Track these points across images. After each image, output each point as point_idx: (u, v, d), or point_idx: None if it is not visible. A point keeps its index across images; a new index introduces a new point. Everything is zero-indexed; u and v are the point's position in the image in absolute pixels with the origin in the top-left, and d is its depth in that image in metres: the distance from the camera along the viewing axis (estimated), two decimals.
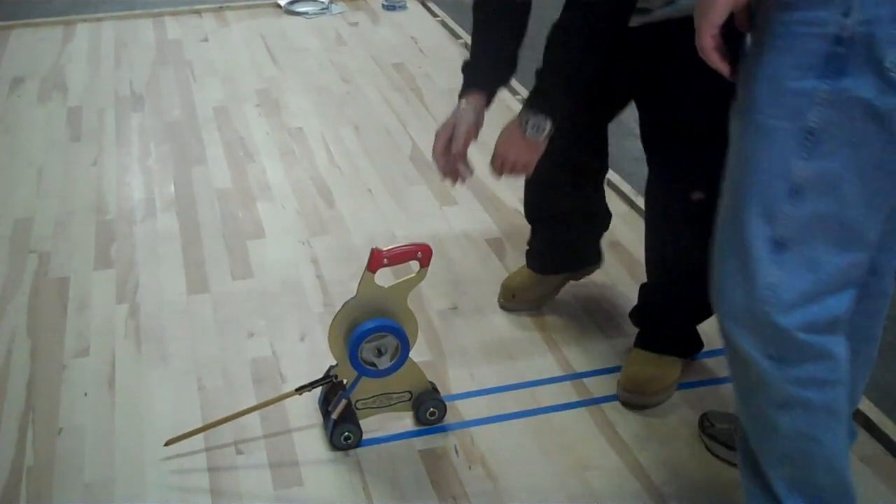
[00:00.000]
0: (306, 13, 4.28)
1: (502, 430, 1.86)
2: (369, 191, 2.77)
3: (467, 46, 4.11)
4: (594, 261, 2.22)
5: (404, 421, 1.88)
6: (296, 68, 3.67)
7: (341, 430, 1.78)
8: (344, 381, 1.79)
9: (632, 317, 2.06)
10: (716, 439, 1.79)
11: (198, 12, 4.29)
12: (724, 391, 1.95)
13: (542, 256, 2.19)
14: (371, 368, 1.75)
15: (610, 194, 2.41)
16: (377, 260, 1.69)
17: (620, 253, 2.42)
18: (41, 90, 3.47)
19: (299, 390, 1.80)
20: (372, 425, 1.84)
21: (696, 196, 1.75)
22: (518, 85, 3.15)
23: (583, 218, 2.12)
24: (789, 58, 1.16)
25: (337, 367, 1.79)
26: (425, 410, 1.85)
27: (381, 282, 1.73)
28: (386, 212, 2.66)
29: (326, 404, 1.82)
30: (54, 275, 2.36)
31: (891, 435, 1.80)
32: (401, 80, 3.55)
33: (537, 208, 2.14)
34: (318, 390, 1.84)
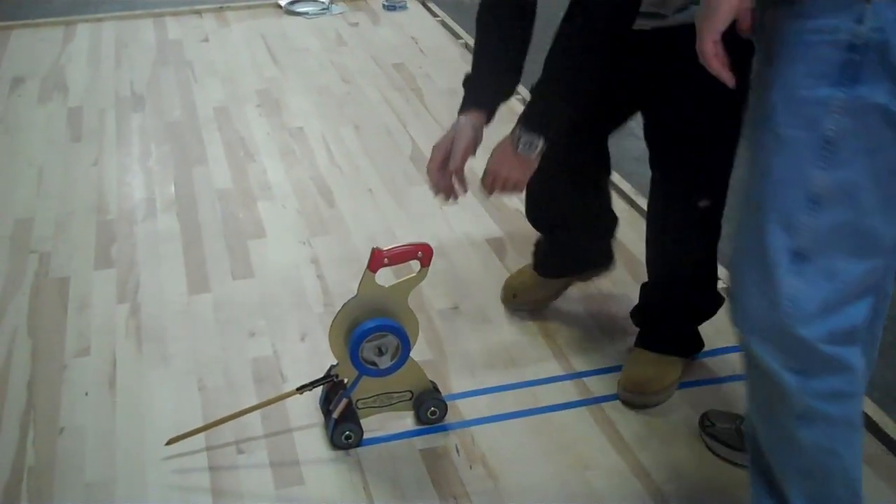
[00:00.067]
0: (307, 13, 4.28)
1: (503, 429, 1.86)
2: (370, 191, 2.77)
3: (467, 46, 4.06)
4: (601, 263, 2.17)
5: (405, 420, 1.88)
6: (296, 68, 3.67)
7: (342, 429, 1.78)
8: (345, 380, 1.80)
9: (632, 316, 2.06)
10: (716, 438, 1.78)
11: (198, 12, 4.29)
12: (724, 391, 1.95)
13: (545, 260, 2.17)
14: (372, 368, 1.75)
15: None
16: (378, 259, 1.69)
17: (621, 252, 2.41)
18: (41, 90, 3.47)
19: (300, 390, 1.80)
20: (373, 424, 1.84)
21: (699, 199, 1.75)
22: (524, 89, 3.14)
23: (585, 224, 2.10)
24: (803, 66, 1.16)
25: (338, 366, 1.79)
26: (426, 410, 1.85)
27: (381, 281, 1.73)
28: (386, 212, 2.66)
29: (327, 403, 1.83)
30: (55, 275, 2.36)
31: (892, 435, 1.80)
32: (401, 81, 3.55)
33: (539, 217, 2.12)
34: (318, 390, 1.84)
